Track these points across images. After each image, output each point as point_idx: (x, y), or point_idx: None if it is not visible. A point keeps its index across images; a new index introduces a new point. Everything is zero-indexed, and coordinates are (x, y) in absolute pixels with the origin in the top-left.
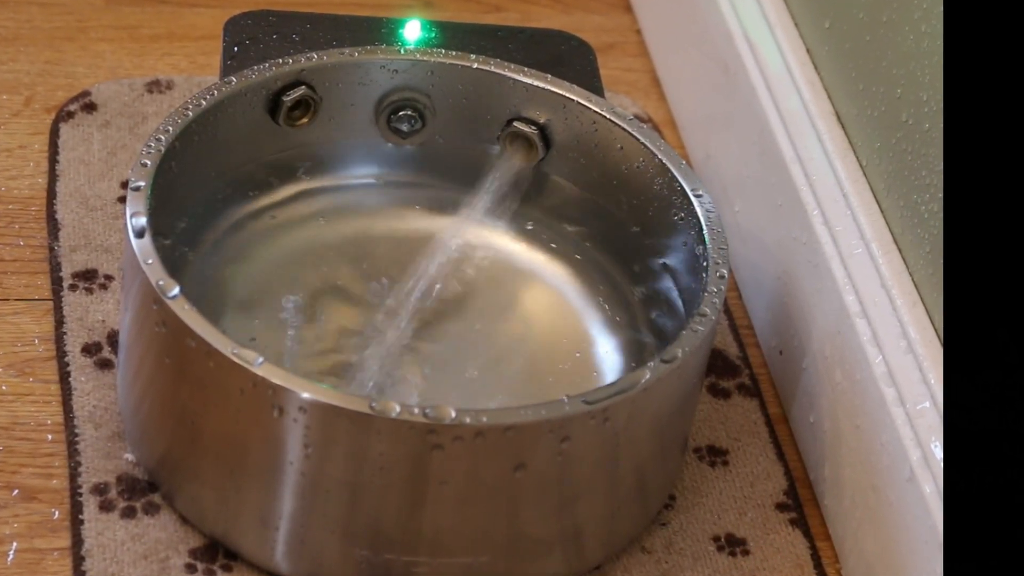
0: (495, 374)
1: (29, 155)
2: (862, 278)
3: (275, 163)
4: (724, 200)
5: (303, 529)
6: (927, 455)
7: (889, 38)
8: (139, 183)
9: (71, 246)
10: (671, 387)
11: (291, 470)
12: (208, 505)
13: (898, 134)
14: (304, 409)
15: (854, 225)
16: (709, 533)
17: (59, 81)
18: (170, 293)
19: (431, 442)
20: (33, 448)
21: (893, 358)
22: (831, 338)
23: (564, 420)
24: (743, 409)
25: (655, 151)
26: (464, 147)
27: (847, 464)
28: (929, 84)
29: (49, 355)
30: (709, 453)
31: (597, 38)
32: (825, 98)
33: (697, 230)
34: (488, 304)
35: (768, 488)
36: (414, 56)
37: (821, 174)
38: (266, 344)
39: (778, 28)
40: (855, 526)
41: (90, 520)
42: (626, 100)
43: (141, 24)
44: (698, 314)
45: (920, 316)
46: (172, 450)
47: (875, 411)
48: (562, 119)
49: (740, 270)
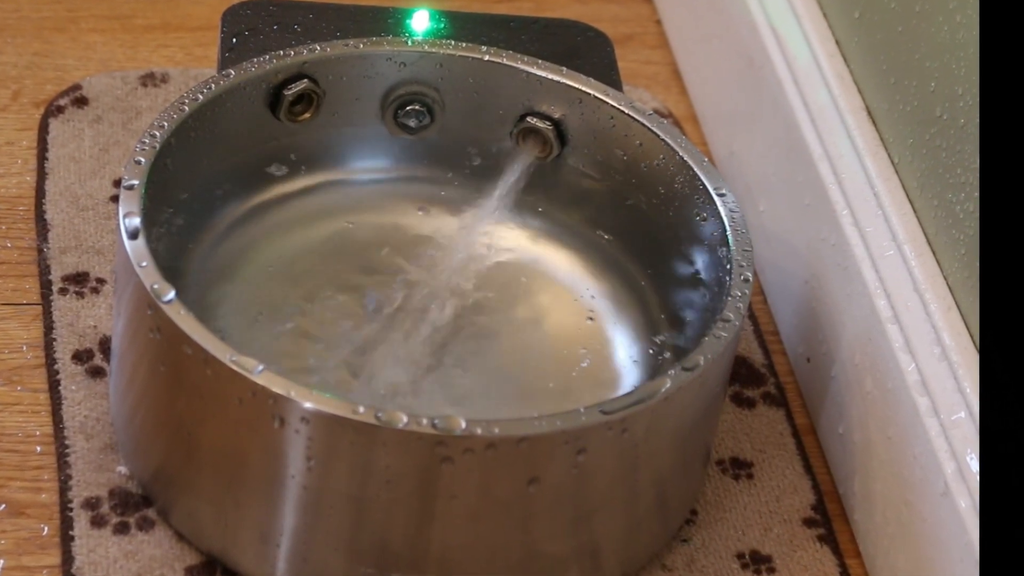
0: (507, 381)
1: (17, 152)
2: (894, 281)
3: (276, 160)
4: (748, 200)
5: (305, 546)
6: (962, 468)
7: (922, 29)
8: (133, 181)
9: (61, 248)
10: (693, 396)
11: (293, 484)
12: (205, 521)
13: (932, 130)
14: (306, 419)
15: (886, 226)
16: (733, 550)
17: (48, 74)
18: (165, 297)
19: (440, 454)
20: (21, 460)
21: (927, 366)
22: (861, 345)
23: (580, 431)
24: (769, 419)
25: (676, 148)
26: (475, 143)
27: (878, 478)
28: (964, 77)
29: (38, 363)
30: (733, 466)
31: (615, 29)
32: (855, 92)
33: (720, 231)
34: (500, 306)
35: (795, 503)
36: (422, 48)
37: (851, 172)
38: (267, 350)
39: (806, 19)
40: (886, 543)
41: (81, 536)
42: (645, 94)
43: (135, 14)
44: (721, 319)
45: (955, 321)
46: (167, 463)
47: (907, 422)
48: (578, 114)
49: (765, 273)
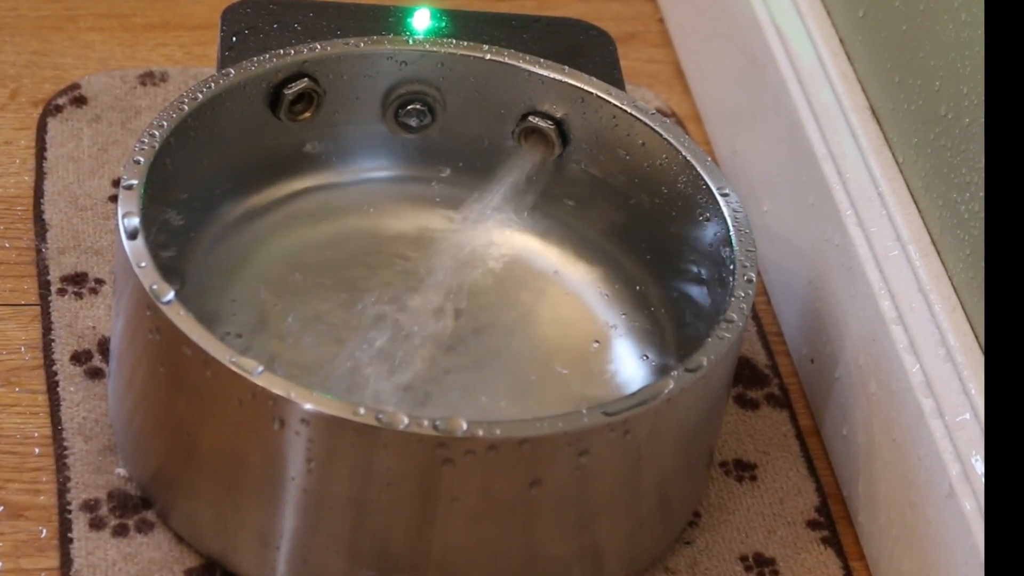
0: (509, 383)
1: (15, 152)
2: (898, 282)
3: (276, 159)
4: (752, 199)
5: (306, 549)
6: (967, 470)
7: (927, 27)
8: (132, 181)
9: (59, 248)
10: (696, 397)
11: (293, 486)
12: (205, 523)
13: (937, 129)
14: (307, 421)
15: (890, 226)
16: (736, 552)
17: (46, 73)
18: (164, 298)
19: (441, 456)
20: (19, 462)
21: (931, 367)
22: (865, 346)
23: (582, 433)
24: (772, 421)
25: (679, 147)
26: (476, 143)
27: (882, 479)
28: (970, 76)
29: (36, 364)
30: (736, 468)
31: (617, 27)
32: (859, 91)
33: (723, 231)
34: (502, 307)
35: (799, 505)
36: (423, 47)
37: (855, 172)
38: (267, 351)
39: (809, 17)
40: (891, 545)
41: (80, 539)
42: (648, 93)
43: (134, 12)
44: (724, 320)
45: (960, 322)
46: (167, 464)
47: (912, 423)
48: (580, 113)
49: (769, 273)
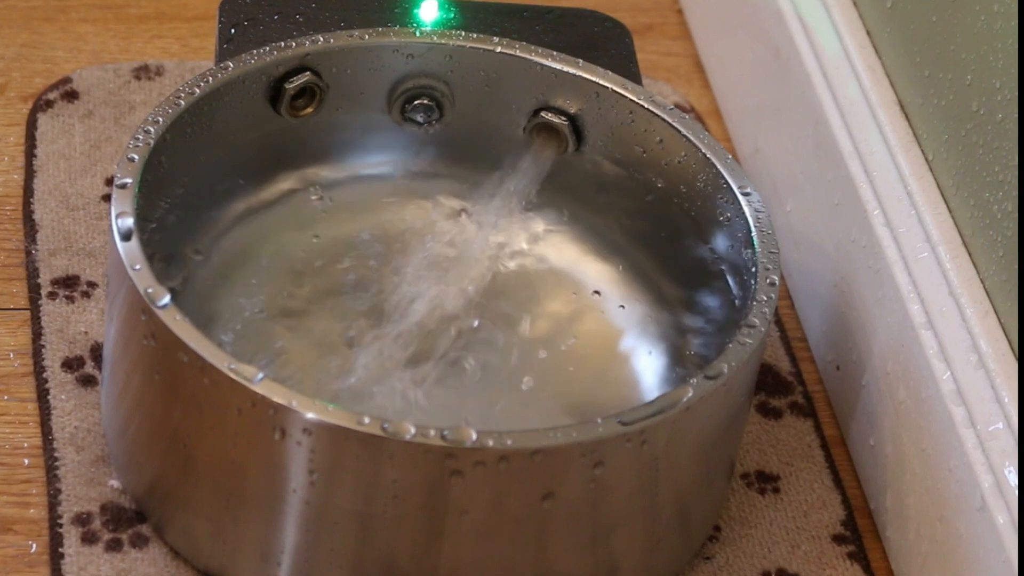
0: (521, 390)
1: (4, 149)
2: (928, 285)
3: (276, 156)
4: (775, 199)
5: (308, 564)
6: (1000, 482)
7: (958, 19)
8: (126, 180)
9: (50, 250)
10: (716, 406)
11: (294, 499)
12: (202, 537)
13: (968, 125)
14: (308, 431)
15: (919, 226)
16: (758, 568)
17: (37, 66)
18: (160, 302)
19: (450, 467)
20: (8, 474)
21: (962, 374)
22: (894, 352)
23: (597, 443)
24: (796, 431)
25: (698, 144)
26: (486, 140)
27: (911, 492)
28: (1002, 70)
29: (26, 371)
30: (758, 479)
31: (634, 19)
32: (887, 85)
33: (745, 232)
34: (515, 310)
35: (824, 518)
36: (431, 39)
37: (883, 170)
38: (268, 357)
39: (835, 8)
40: (920, 561)
41: (71, 554)
42: (666, 87)
43: (128, 3)
44: (746, 325)
45: (992, 327)
46: (162, 476)
47: (942, 433)
48: (595, 109)
49: (792, 276)
